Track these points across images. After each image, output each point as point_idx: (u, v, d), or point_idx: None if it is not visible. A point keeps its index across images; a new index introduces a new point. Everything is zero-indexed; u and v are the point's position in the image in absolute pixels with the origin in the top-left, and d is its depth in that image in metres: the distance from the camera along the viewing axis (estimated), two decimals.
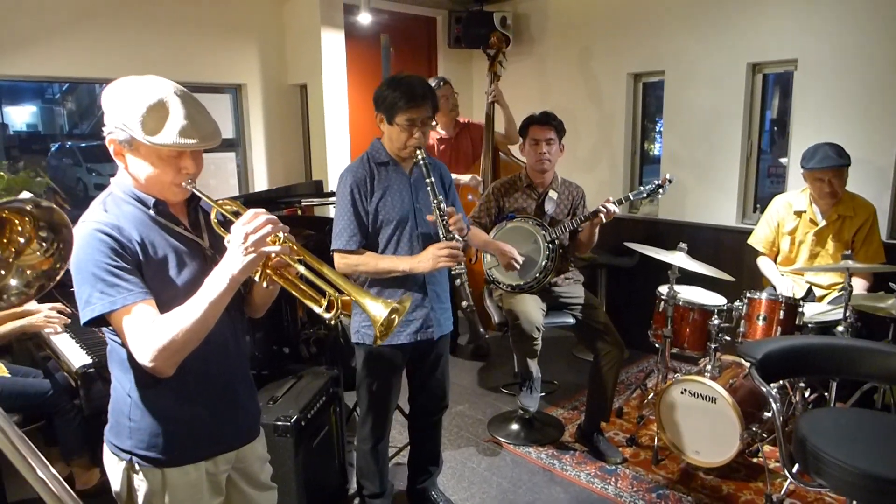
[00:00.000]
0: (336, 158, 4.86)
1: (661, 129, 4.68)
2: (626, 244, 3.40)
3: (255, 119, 4.92)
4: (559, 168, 3.33)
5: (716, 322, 3.05)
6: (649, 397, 3.60)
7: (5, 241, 1.16)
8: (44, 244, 1.18)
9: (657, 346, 3.34)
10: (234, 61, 4.74)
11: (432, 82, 4.32)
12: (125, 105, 1.36)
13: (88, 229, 1.37)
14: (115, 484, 1.55)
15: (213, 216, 1.52)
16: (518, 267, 3.00)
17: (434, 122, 2.39)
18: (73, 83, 8.77)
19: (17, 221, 1.15)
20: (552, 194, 3.25)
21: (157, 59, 4.25)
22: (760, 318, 3.01)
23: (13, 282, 1.16)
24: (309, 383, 2.66)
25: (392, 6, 5.12)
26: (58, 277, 1.21)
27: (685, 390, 2.92)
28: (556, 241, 3.12)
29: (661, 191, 3.17)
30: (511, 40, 5.01)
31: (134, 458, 1.50)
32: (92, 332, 2.72)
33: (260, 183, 5.02)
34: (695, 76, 4.28)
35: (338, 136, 4.87)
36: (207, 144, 1.41)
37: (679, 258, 3.12)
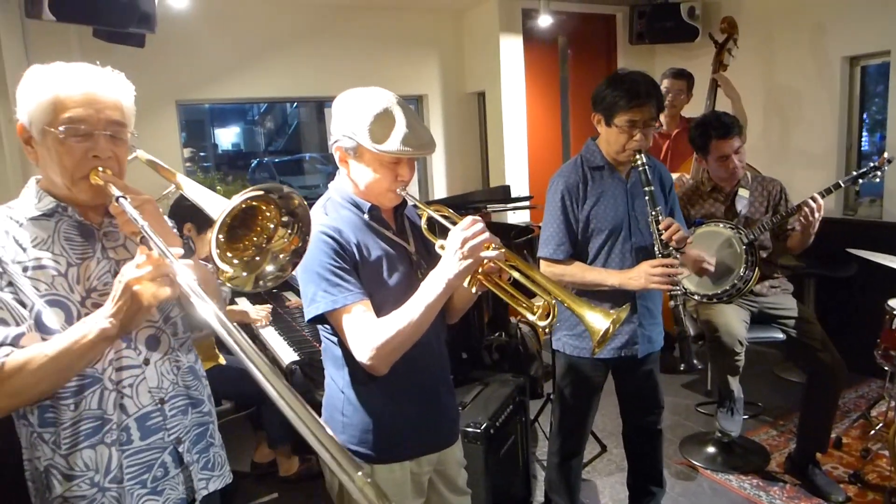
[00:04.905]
0: (515, 164, 4.85)
1: (879, 118, 4.07)
2: (847, 251, 2.96)
3: (436, 127, 5.05)
4: (756, 160, 2.97)
5: None
6: (877, 428, 3.11)
7: (258, 228, 1.23)
8: (288, 228, 1.24)
9: (886, 368, 2.88)
10: (416, 73, 4.93)
11: (668, 72, 4.04)
12: (353, 115, 1.44)
13: (314, 231, 1.44)
14: (328, 474, 1.62)
15: (423, 221, 1.55)
16: (711, 270, 2.66)
17: (657, 123, 2.20)
18: (270, 104, 9.82)
19: (264, 209, 1.22)
20: (742, 192, 2.89)
21: (346, 74, 4.49)
22: None
23: (269, 268, 1.23)
24: (496, 391, 2.63)
25: (570, 6, 5.00)
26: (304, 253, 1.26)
27: None
28: (756, 243, 2.79)
29: (877, 174, 2.71)
30: (700, 32, 4.68)
31: None
32: (296, 331, 2.93)
33: (439, 190, 5.15)
34: None
35: (516, 142, 4.85)
36: (425, 152, 1.47)
37: None
